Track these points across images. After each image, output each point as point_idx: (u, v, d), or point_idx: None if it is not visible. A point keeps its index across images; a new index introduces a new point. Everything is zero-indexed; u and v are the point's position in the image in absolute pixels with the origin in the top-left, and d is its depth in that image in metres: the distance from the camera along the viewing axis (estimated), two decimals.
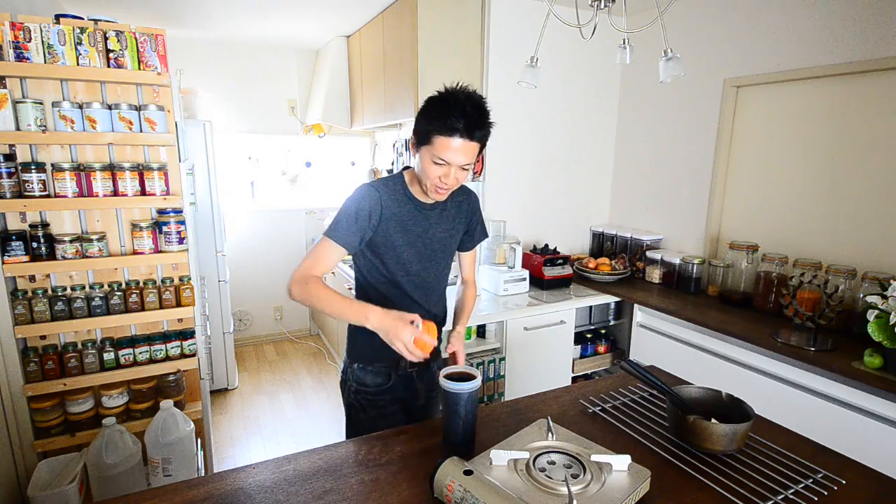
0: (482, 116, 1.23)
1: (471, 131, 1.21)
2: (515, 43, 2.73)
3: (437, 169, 1.25)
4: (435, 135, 1.21)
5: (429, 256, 1.43)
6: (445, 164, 1.23)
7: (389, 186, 1.37)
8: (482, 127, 1.24)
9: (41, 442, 1.86)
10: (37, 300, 1.81)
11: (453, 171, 1.25)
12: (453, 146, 1.21)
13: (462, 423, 1.06)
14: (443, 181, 1.27)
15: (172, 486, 1.00)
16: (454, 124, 1.19)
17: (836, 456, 1.11)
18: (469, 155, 1.24)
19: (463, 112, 1.20)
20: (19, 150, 1.79)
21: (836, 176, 2.16)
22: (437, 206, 1.41)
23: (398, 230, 1.35)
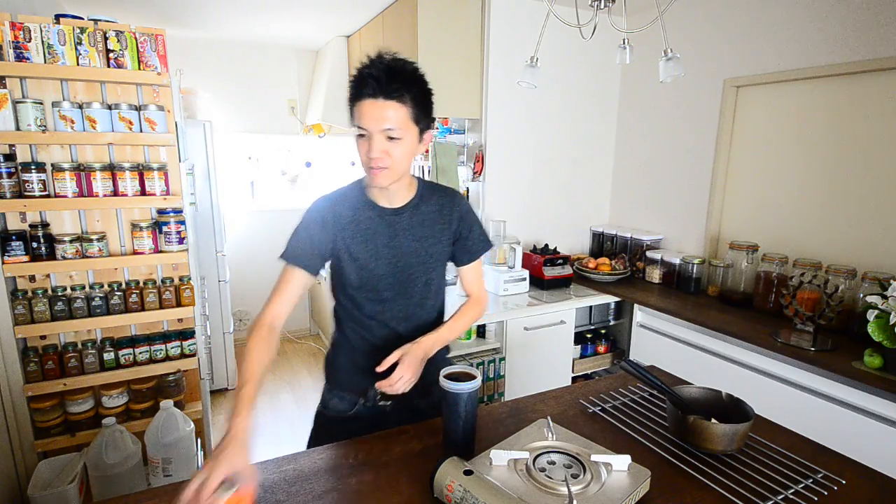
0: (394, 73, 1.09)
1: (382, 89, 1.07)
2: (515, 43, 2.73)
3: (362, 144, 1.12)
4: (351, 105, 1.12)
5: (403, 270, 1.25)
6: (366, 133, 1.10)
7: (344, 193, 1.25)
8: (397, 83, 1.08)
9: (41, 442, 1.86)
10: (37, 300, 1.81)
11: (376, 141, 1.10)
12: (365, 108, 1.09)
13: (462, 423, 1.06)
14: (370, 156, 1.11)
15: (172, 486, 1.00)
16: (362, 84, 1.09)
17: (836, 456, 1.11)
18: (390, 118, 1.09)
19: (370, 71, 1.09)
20: (19, 150, 1.79)
21: (837, 176, 2.16)
22: (405, 211, 1.24)
23: (358, 240, 1.21)
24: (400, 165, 1.14)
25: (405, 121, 1.11)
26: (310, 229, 1.20)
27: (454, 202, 1.31)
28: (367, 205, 1.23)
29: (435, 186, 1.32)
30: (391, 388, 1.13)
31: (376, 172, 1.13)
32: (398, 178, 1.17)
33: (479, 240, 1.36)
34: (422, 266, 1.27)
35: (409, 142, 1.13)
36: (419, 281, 1.28)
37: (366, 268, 1.22)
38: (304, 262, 1.18)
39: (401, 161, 1.14)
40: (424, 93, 1.15)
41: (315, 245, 1.19)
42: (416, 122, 1.13)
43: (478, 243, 1.36)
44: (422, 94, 1.14)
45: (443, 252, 1.30)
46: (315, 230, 1.20)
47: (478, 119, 2.84)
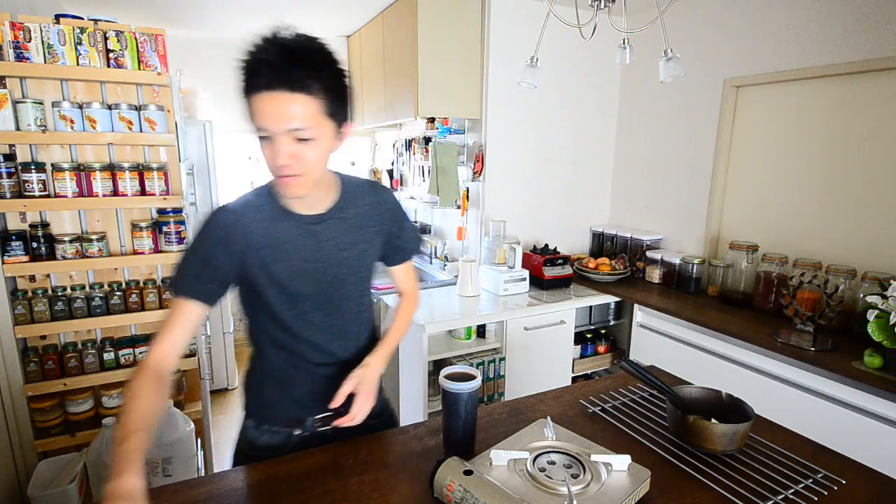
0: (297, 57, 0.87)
1: (283, 78, 0.85)
2: (515, 43, 2.73)
3: (266, 148, 0.91)
4: (245, 98, 0.90)
5: (332, 285, 1.08)
6: (267, 135, 0.89)
7: (252, 202, 1.05)
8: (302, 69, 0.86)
9: (41, 442, 1.86)
10: (37, 300, 1.81)
11: (282, 144, 0.89)
12: (263, 104, 0.87)
13: (462, 423, 1.06)
14: (276, 164, 0.90)
15: (172, 486, 1.00)
16: (255, 73, 0.87)
17: (836, 456, 1.11)
18: (296, 115, 0.87)
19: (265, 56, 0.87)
20: (19, 150, 1.79)
21: (836, 176, 2.16)
22: (328, 217, 1.06)
23: (274, 256, 1.01)
24: (315, 170, 0.95)
25: (316, 116, 0.90)
26: (207, 251, 0.98)
27: (383, 199, 1.16)
28: (281, 214, 1.03)
29: (359, 183, 1.16)
30: (352, 423, 1.02)
31: (287, 181, 0.93)
32: (315, 184, 0.98)
33: (410, 238, 1.23)
34: (353, 277, 1.11)
35: (325, 141, 0.94)
36: (352, 294, 1.12)
37: (288, 288, 1.03)
38: (198, 292, 0.98)
39: (316, 165, 0.94)
40: (338, 78, 0.94)
41: (215, 270, 0.98)
42: (331, 115, 0.93)
43: (410, 241, 1.23)
44: (335, 81, 0.93)
45: (375, 256, 1.15)
46: (215, 251, 0.98)
47: (478, 119, 2.84)
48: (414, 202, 3.60)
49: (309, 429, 1.15)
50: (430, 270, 3.23)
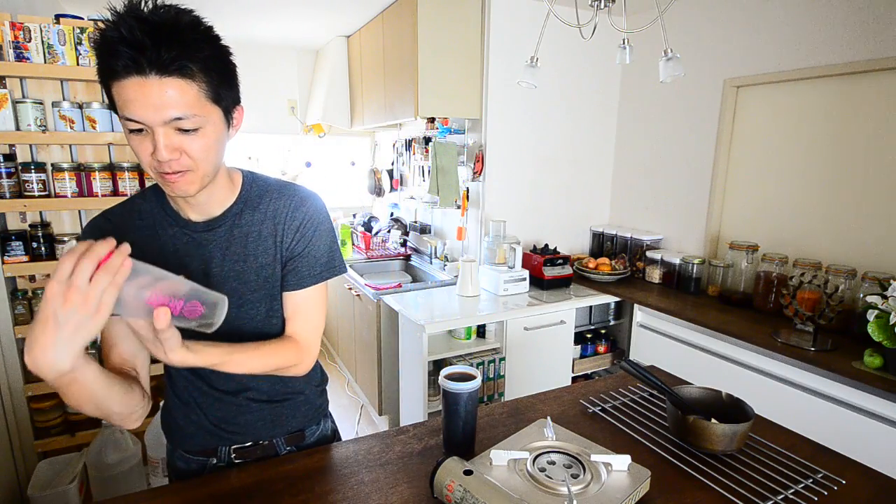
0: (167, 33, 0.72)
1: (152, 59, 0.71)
2: (515, 43, 2.73)
3: (140, 142, 0.77)
4: (108, 84, 0.76)
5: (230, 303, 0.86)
6: (140, 127, 0.76)
7: (133, 207, 0.93)
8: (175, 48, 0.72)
9: (41, 442, 1.86)
10: (37, 300, 1.81)
11: (162, 137, 0.76)
12: (130, 91, 0.73)
13: (462, 423, 1.06)
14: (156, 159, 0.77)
15: (172, 486, 1.00)
16: (114, 56, 0.71)
17: (836, 456, 1.11)
18: (174, 103, 0.74)
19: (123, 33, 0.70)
20: (19, 150, 1.79)
21: (836, 176, 2.16)
22: (220, 224, 0.93)
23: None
24: (205, 164, 0.82)
25: (199, 102, 0.78)
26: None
27: (292, 206, 0.96)
28: (167, 219, 0.92)
29: (269, 186, 0.99)
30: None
31: (172, 179, 0.80)
32: (207, 180, 0.85)
33: (316, 260, 0.97)
34: (255, 294, 0.95)
35: (212, 129, 0.81)
36: (256, 314, 0.97)
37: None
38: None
39: (206, 158, 0.82)
40: (220, 56, 0.81)
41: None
42: (216, 100, 0.81)
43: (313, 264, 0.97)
44: (217, 60, 0.80)
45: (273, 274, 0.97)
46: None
47: (478, 119, 2.84)
48: (414, 202, 3.60)
49: (224, 459, 1.06)
50: (430, 270, 3.23)
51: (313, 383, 1.12)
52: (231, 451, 1.05)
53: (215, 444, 1.04)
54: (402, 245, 3.68)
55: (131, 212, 0.92)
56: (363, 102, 3.56)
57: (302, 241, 0.97)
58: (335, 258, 1.01)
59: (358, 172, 4.45)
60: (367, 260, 3.51)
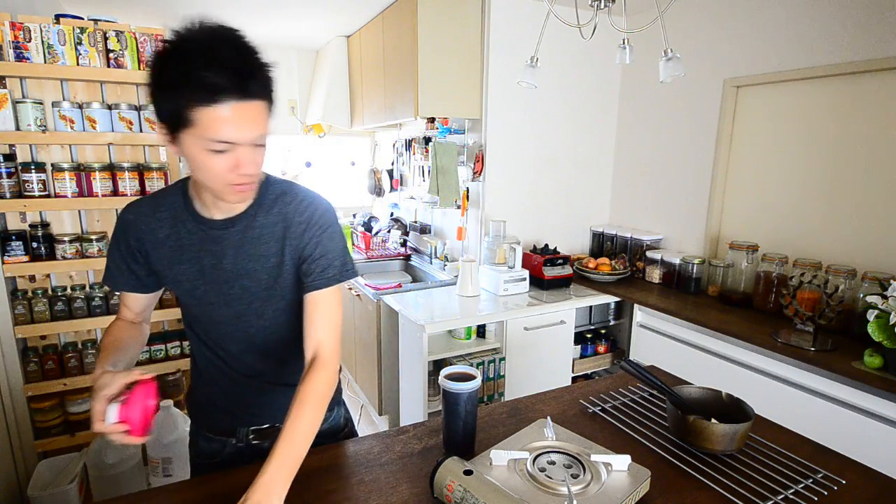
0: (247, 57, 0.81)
1: (243, 85, 0.79)
2: (515, 43, 2.73)
3: (220, 160, 0.82)
4: (196, 108, 0.78)
5: (240, 299, 0.99)
6: (230, 146, 0.82)
7: (161, 201, 1.00)
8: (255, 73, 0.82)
9: (41, 442, 1.86)
10: (37, 300, 1.81)
11: (248, 154, 0.83)
12: (233, 115, 0.79)
13: (462, 423, 1.06)
14: (242, 174, 0.85)
15: (172, 486, 1.00)
16: (220, 82, 0.77)
17: (836, 456, 1.11)
18: (259, 122, 0.83)
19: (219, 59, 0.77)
20: (19, 150, 1.79)
21: (836, 176, 2.16)
22: (235, 223, 0.97)
23: (177, 258, 0.97)
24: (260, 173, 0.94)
25: (267, 120, 0.86)
26: (122, 246, 0.99)
27: (301, 210, 0.99)
28: (188, 216, 0.97)
29: (283, 188, 1.02)
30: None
31: (244, 189, 0.88)
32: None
33: (331, 263, 0.99)
34: (267, 292, 1.00)
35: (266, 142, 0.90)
36: (268, 309, 1.02)
37: (193, 293, 0.99)
38: (125, 283, 1.02)
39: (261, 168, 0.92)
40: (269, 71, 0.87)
41: (134, 261, 0.99)
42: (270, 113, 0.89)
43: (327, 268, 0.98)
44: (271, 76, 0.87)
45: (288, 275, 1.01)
46: (129, 246, 0.99)
47: (478, 119, 2.84)
48: (414, 202, 3.60)
49: (243, 440, 1.11)
50: (430, 270, 3.23)
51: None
52: (249, 431, 1.10)
53: (234, 425, 1.09)
54: (402, 245, 3.68)
55: (154, 206, 1.00)
56: (363, 102, 3.56)
57: (315, 245, 0.99)
58: (347, 261, 1.02)
59: (358, 172, 4.45)
60: (367, 260, 3.51)
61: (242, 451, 1.11)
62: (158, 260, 0.99)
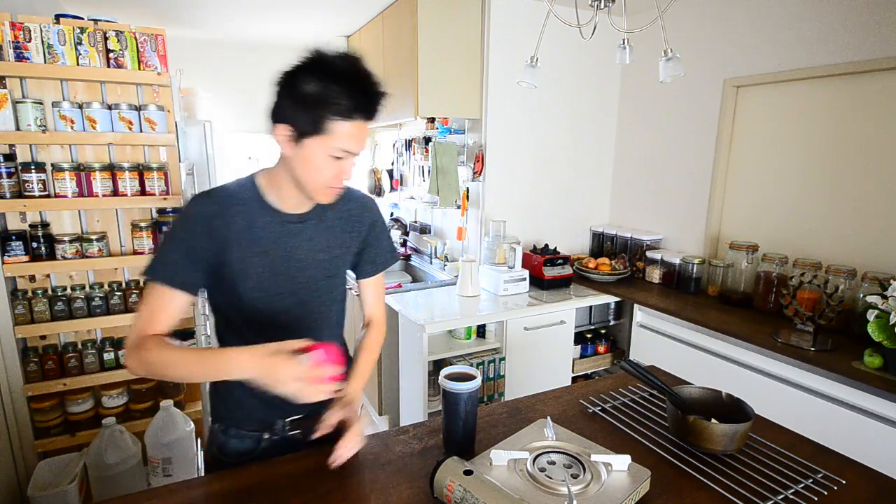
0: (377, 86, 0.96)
1: (372, 109, 0.95)
2: (515, 43, 2.73)
3: (334, 165, 0.96)
4: (334, 120, 0.91)
5: (307, 287, 1.08)
6: (347, 155, 0.96)
7: (235, 194, 1.04)
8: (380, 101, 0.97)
9: (41, 442, 1.86)
10: (37, 300, 1.81)
11: (350, 164, 0.99)
12: (360, 132, 0.94)
13: (462, 423, 1.06)
14: (342, 179, 1.00)
15: (172, 485, 1.00)
16: (357, 103, 0.92)
17: (836, 456, 1.11)
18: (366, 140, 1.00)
19: (364, 86, 0.93)
20: (19, 150, 1.79)
21: (836, 176, 2.16)
22: (309, 217, 1.08)
23: (253, 251, 1.01)
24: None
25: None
26: (190, 240, 0.97)
27: (365, 207, 1.17)
28: (264, 209, 1.04)
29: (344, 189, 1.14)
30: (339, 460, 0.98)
31: (337, 192, 1.02)
32: None
33: (386, 251, 1.21)
34: (327, 282, 1.11)
35: None
36: (324, 298, 1.12)
37: (262, 284, 1.03)
38: (183, 281, 0.97)
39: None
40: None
41: (196, 260, 0.98)
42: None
43: (384, 255, 1.20)
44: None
45: (348, 263, 1.16)
46: (198, 241, 0.97)
47: (478, 119, 2.84)
48: (414, 202, 3.60)
49: (279, 432, 1.13)
50: (430, 270, 3.23)
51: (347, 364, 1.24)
52: (286, 424, 1.14)
53: (273, 418, 1.13)
54: (403, 245, 3.68)
55: (231, 197, 1.03)
56: None
57: (376, 238, 1.18)
58: (393, 248, 1.25)
59: (358, 172, 4.45)
60: None
61: (278, 443, 1.13)
62: (231, 253, 1.00)
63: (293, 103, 0.93)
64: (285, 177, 1.01)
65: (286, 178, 1.01)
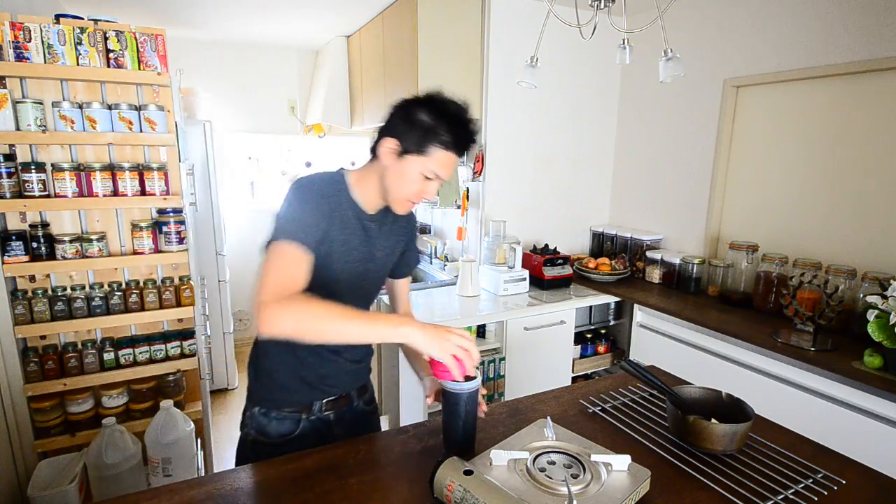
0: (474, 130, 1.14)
1: (466, 147, 1.13)
2: (515, 43, 2.73)
3: (423, 183, 1.11)
4: (435, 146, 1.07)
5: (363, 277, 1.20)
6: (436, 179, 1.11)
7: (334, 184, 1.14)
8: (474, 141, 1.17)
9: (41, 442, 1.86)
10: (37, 300, 1.81)
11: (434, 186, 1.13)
12: (449, 160, 1.10)
13: (462, 423, 1.06)
14: (424, 197, 1.13)
15: (172, 485, 1.00)
16: (456, 141, 1.09)
17: (836, 456, 1.11)
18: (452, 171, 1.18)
19: (465, 130, 1.10)
20: (19, 150, 1.79)
21: (837, 176, 2.16)
22: (379, 220, 1.21)
23: (340, 239, 1.13)
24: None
25: None
26: (313, 211, 1.07)
27: (410, 219, 1.33)
28: (350, 203, 1.15)
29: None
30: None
31: (413, 206, 1.18)
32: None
33: (416, 254, 1.38)
34: (378, 277, 1.26)
35: None
36: (373, 292, 1.28)
37: (335, 271, 1.12)
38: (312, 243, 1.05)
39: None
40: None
41: (317, 228, 1.07)
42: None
43: (415, 257, 1.38)
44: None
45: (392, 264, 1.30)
46: (319, 212, 1.08)
47: (478, 119, 2.84)
48: None
49: (316, 413, 1.23)
50: (430, 270, 3.23)
51: (370, 352, 1.37)
52: (323, 405, 1.24)
53: (312, 399, 1.23)
54: None
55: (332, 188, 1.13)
56: (363, 102, 3.56)
57: (412, 241, 1.34)
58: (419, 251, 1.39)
59: None
60: None
61: (314, 424, 1.23)
62: (330, 233, 1.10)
63: (406, 125, 1.08)
64: (374, 181, 1.14)
65: (374, 182, 1.14)
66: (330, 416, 1.25)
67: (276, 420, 1.21)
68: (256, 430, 1.22)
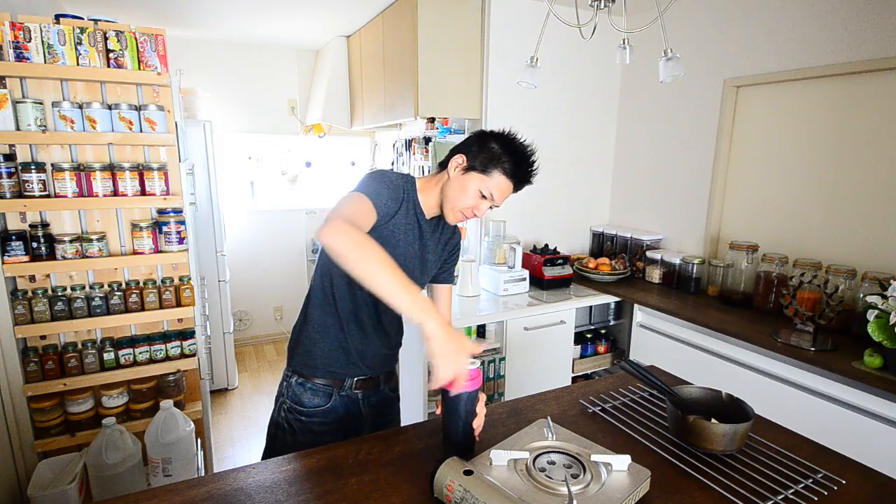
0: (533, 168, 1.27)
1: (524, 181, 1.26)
2: (515, 43, 2.73)
3: (477, 200, 1.23)
4: (497, 170, 1.21)
5: (415, 278, 1.29)
6: (489, 199, 1.23)
7: (407, 182, 1.27)
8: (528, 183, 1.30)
9: (41, 442, 1.86)
10: (37, 300, 1.81)
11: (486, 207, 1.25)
12: (505, 186, 1.23)
13: (462, 423, 1.06)
14: (475, 213, 1.25)
15: (172, 486, 1.00)
16: (516, 172, 1.22)
17: (836, 456, 1.11)
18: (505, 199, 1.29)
19: (526, 167, 1.24)
20: (19, 150, 1.79)
21: (836, 176, 2.16)
22: (433, 226, 1.33)
23: (397, 238, 1.24)
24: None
25: None
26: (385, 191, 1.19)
27: (456, 233, 1.43)
28: (415, 204, 1.28)
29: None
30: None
31: (463, 220, 1.28)
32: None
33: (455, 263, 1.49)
34: (423, 279, 1.36)
35: None
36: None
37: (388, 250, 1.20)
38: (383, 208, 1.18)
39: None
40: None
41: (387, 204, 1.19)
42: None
43: (455, 265, 1.50)
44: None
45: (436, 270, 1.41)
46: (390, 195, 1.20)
47: (478, 119, 2.84)
48: None
49: (347, 390, 1.32)
50: None
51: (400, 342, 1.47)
52: (354, 383, 1.33)
53: (346, 374, 1.32)
54: None
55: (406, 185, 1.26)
56: (363, 102, 3.56)
57: (455, 253, 1.44)
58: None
59: (358, 172, 4.45)
60: None
61: (345, 401, 1.33)
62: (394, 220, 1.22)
63: (477, 148, 1.23)
64: (436, 190, 1.27)
65: (436, 191, 1.27)
66: (359, 394, 1.35)
67: (311, 391, 1.31)
68: (292, 399, 1.31)
